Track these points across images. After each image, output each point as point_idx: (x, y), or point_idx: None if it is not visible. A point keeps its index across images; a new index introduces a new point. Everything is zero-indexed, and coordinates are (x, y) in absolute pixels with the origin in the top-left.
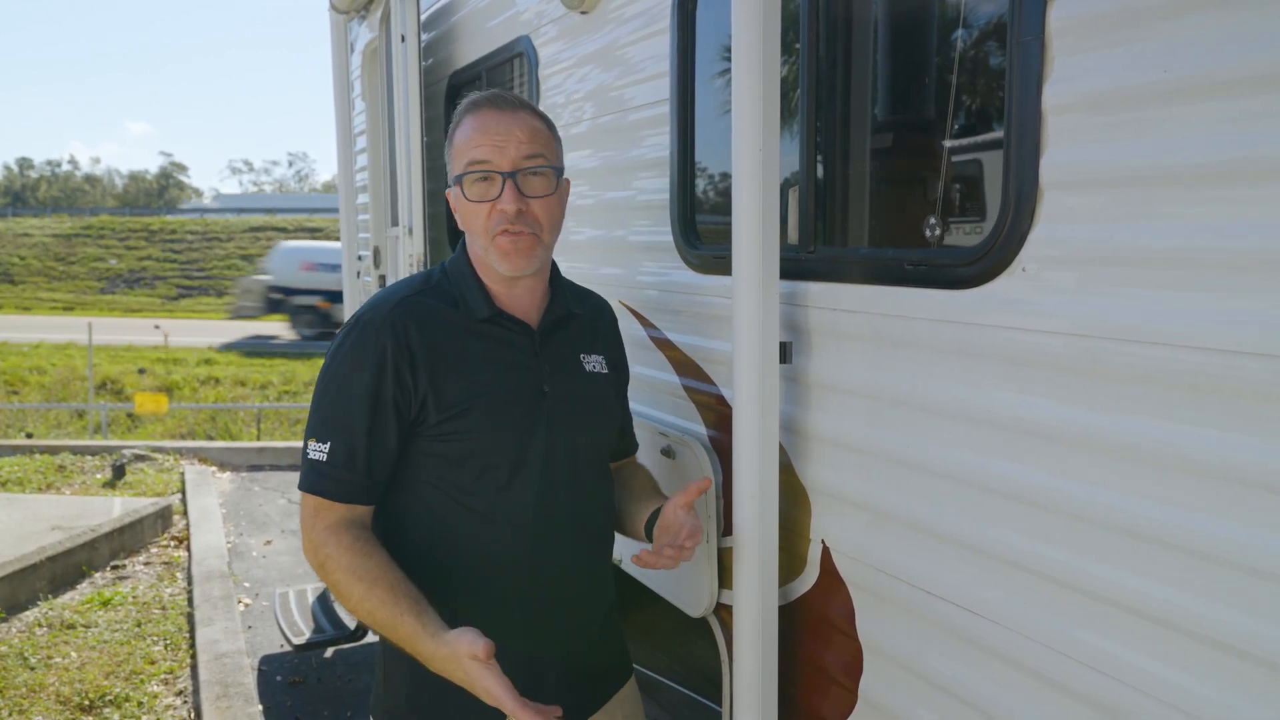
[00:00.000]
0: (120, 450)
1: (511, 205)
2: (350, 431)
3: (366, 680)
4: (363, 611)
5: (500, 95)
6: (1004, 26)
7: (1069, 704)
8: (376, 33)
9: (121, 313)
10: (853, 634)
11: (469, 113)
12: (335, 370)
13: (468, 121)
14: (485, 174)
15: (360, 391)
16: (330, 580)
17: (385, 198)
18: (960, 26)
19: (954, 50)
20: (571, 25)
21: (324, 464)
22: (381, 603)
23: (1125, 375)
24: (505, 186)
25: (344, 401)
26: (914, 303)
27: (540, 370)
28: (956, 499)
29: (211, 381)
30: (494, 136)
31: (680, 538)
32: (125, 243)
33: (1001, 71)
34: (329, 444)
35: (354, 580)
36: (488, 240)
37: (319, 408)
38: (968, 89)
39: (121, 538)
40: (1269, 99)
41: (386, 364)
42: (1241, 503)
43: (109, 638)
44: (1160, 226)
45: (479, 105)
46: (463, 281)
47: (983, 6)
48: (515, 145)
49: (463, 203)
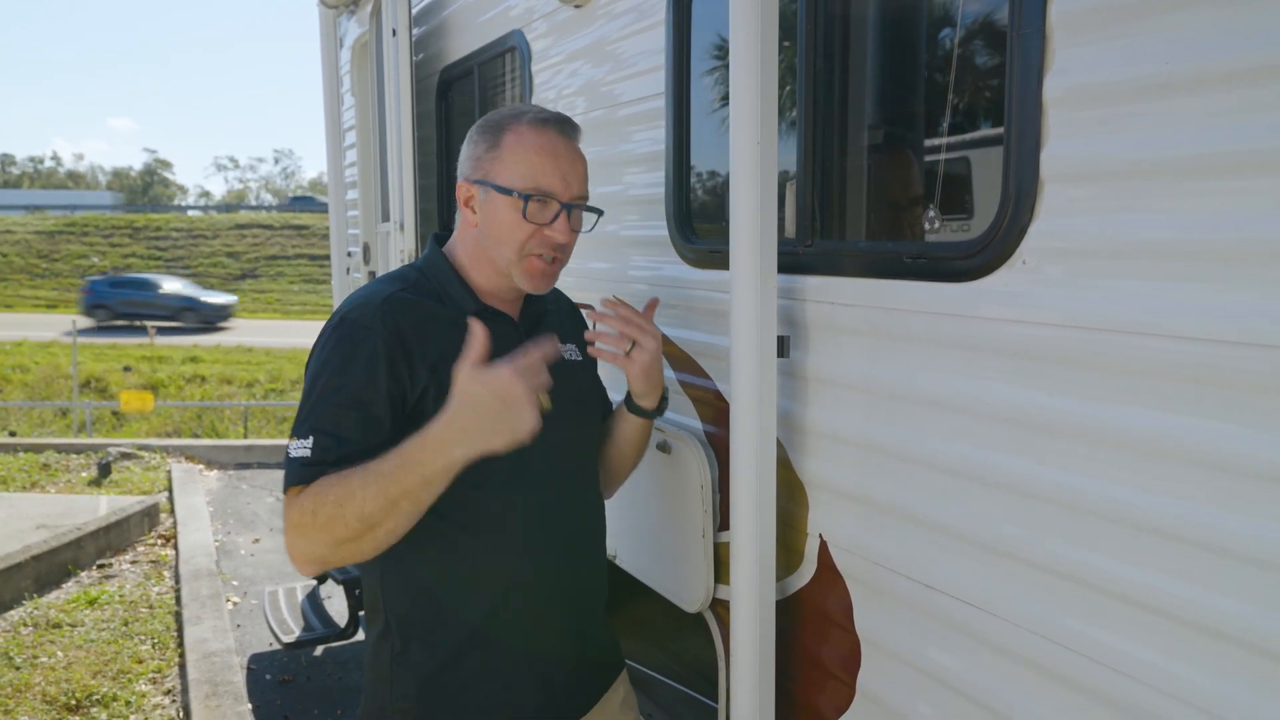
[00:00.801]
0: (106, 448)
1: (564, 237)
2: (337, 427)
3: (356, 678)
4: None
5: (568, 121)
6: (1004, 19)
7: (1068, 696)
8: (366, 27)
9: None
10: (850, 628)
11: (533, 127)
12: (323, 369)
13: (531, 136)
14: (545, 199)
15: (350, 389)
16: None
17: (375, 193)
18: (960, 18)
19: (953, 43)
20: (565, 20)
21: (306, 458)
22: (368, 472)
23: (1126, 368)
24: (559, 218)
25: (330, 399)
26: (913, 296)
27: None
28: (955, 493)
29: (197, 379)
30: (563, 166)
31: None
32: (109, 240)
33: (1001, 64)
34: (312, 439)
35: (332, 497)
36: (516, 256)
37: (303, 409)
38: (967, 82)
39: (108, 536)
40: (1271, 90)
41: (379, 359)
42: (1242, 494)
43: (96, 637)
44: (1160, 219)
45: (547, 124)
46: (444, 279)
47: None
48: (577, 181)
49: (505, 214)
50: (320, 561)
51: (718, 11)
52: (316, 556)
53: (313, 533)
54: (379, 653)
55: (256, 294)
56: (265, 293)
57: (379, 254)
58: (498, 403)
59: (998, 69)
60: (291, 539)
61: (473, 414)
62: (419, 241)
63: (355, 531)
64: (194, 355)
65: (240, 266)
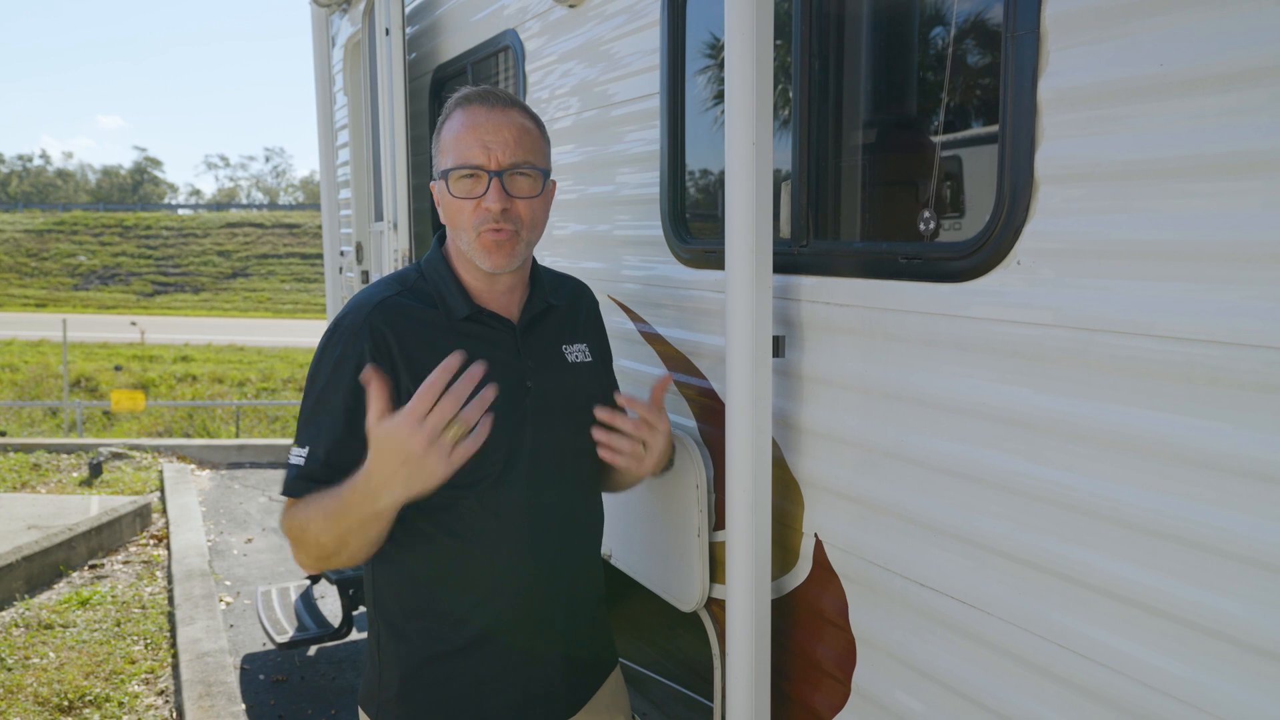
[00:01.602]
0: (97, 448)
1: (496, 204)
2: (330, 434)
3: (350, 677)
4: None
5: (491, 92)
6: (999, 20)
7: (1062, 693)
8: (359, 26)
9: (96, 309)
10: (845, 627)
11: (459, 108)
12: (316, 376)
13: (457, 117)
14: (472, 172)
15: (340, 396)
16: (300, 543)
17: (368, 193)
18: (955, 19)
19: (948, 44)
20: (559, 19)
21: (301, 467)
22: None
23: (1120, 368)
24: (491, 185)
25: (324, 406)
26: (908, 296)
27: (523, 367)
28: (950, 492)
29: (189, 379)
30: (484, 135)
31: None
32: (99, 238)
33: (996, 65)
34: (308, 448)
35: (305, 519)
36: (471, 236)
37: (302, 414)
38: (961, 83)
39: (99, 536)
40: (1264, 92)
41: (358, 360)
42: (1233, 492)
43: (88, 638)
44: (1154, 220)
45: (469, 101)
46: (440, 280)
47: (979, 1)
48: (503, 147)
49: (447, 198)
50: (313, 568)
51: (712, 11)
52: (308, 565)
53: (297, 547)
54: (370, 641)
55: (248, 293)
56: (257, 291)
57: (372, 253)
58: (400, 455)
59: (992, 70)
60: (291, 545)
61: (383, 465)
62: (413, 241)
63: (324, 552)
64: (185, 354)
65: (231, 265)
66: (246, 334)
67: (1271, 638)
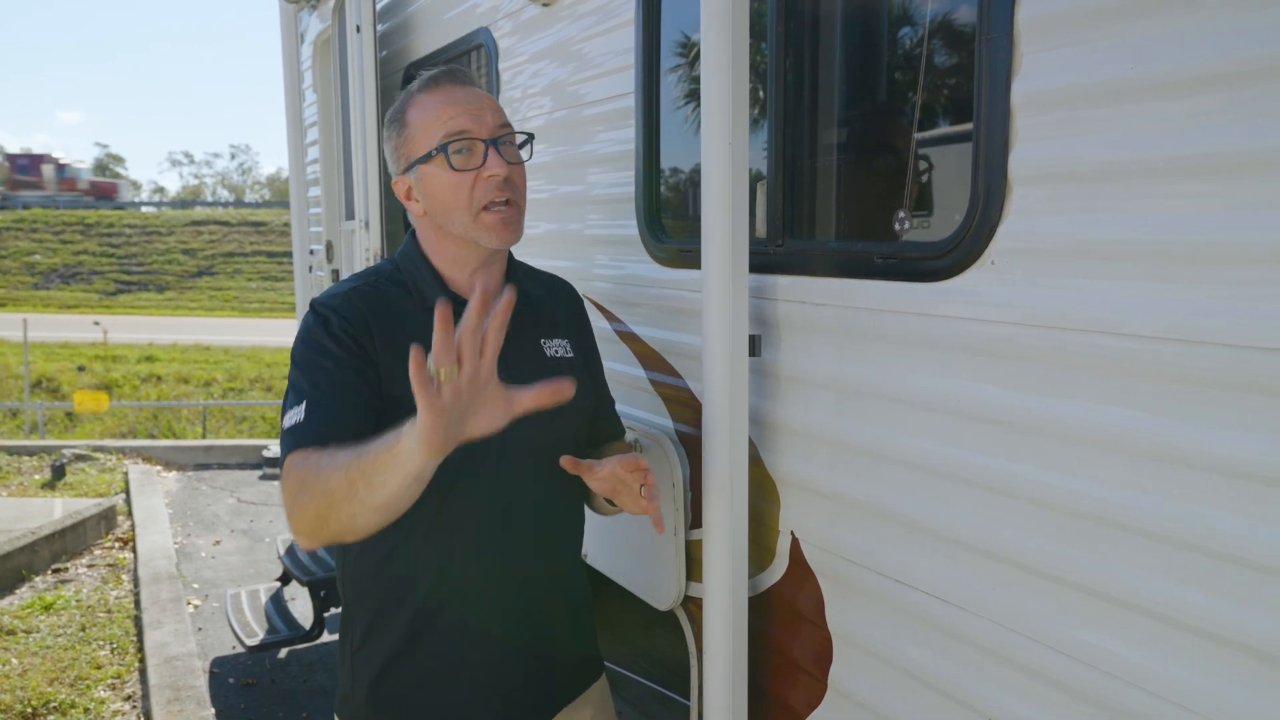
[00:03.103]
0: (59, 450)
1: (501, 169)
2: (323, 389)
3: (322, 680)
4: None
5: (456, 70)
6: (973, 22)
7: (1038, 688)
8: (328, 23)
9: (57, 309)
10: (822, 624)
11: (424, 90)
12: (300, 352)
13: (426, 99)
14: (467, 142)
15: (325, 353)
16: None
17: (339, 191)
18: (929, 21)
19: (922, 45)
20: (532, 18)
21: (300, 424)
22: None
23: (1092, 366)
24: (489, 153)
25: (311, 369)
26: (883, 295)
27: (500, 359)
28: (925, 489)
29: (153, 379)
30: (466, 106)
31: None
32: (60, 236)
33: (970, 67)
34: (303, 404)
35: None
36: (470, 216)
37: (291, 384)
38: (937, 84)
39: (63, 540)
40: (1233, 95)
41: (345, 337)
42: (1205, 488)
43: (52, 643)
44: (1126, 220)
45: (437, 81)
46: (414, 269)
47: (953, 2)
48: (489, 113)
49: (440, 178)
50: (308, 536)
51: (687, 11)
52: (305, 530)
53: (296, 504)
54: (342, 644)
55: (214, 291)
56: (223, 290)
57: (342, 252)
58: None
59: (967, 71)
60: (287, 511)
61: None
62: (384, 240)
63: (324, 510)
64: (150, 354)
65: (196, 264)
66: (212, 333)
67: (1245, 632)
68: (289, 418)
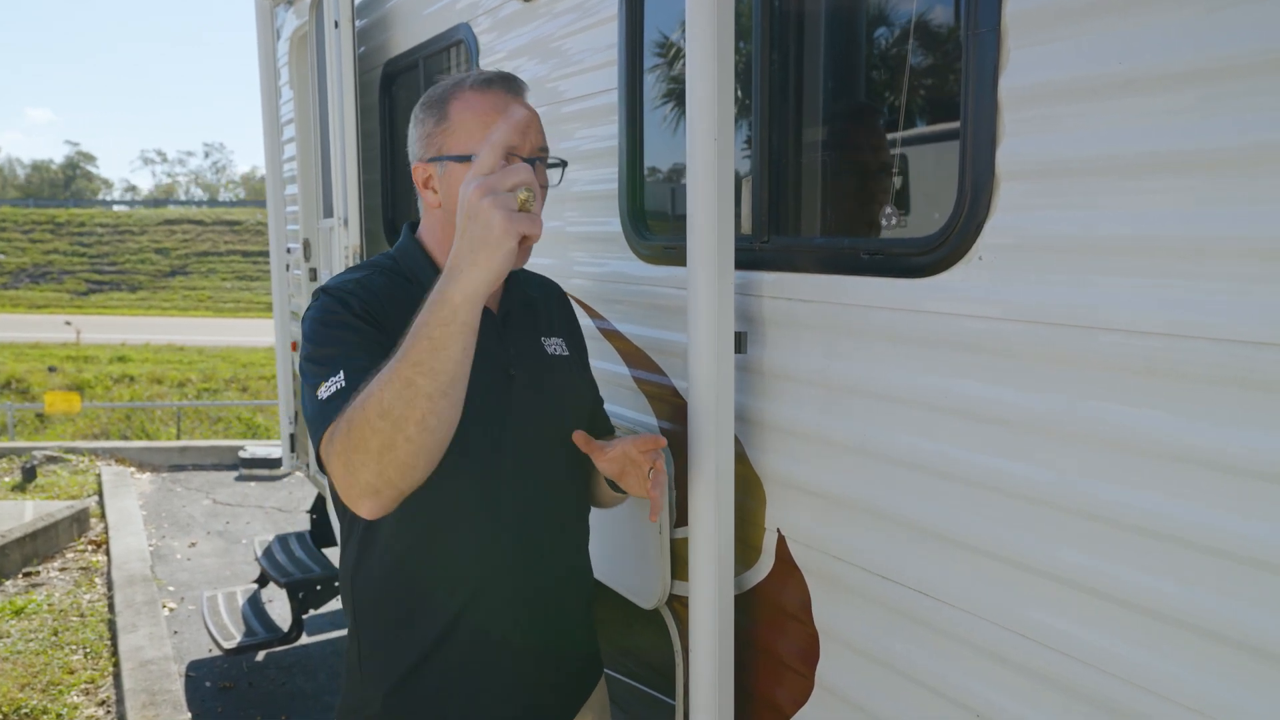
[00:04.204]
0: (30, 452)
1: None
2: (358, 359)
3: (300, 682)
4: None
5: (512, 78)
6: (960, 18)
7: (1025, 684)
8: (305, 19)
9: (26, 309)
10: (809, 621)
11: (476, 90)
12: (318, 331)
13: (478, 100)
14: (511, 159)
15: (352, 332)
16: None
17: (316, 189)
18: (916, 17)
19: (909, 40)
20: (513, 14)
21: (343, 389)
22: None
23: (1079, 361)
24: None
25: (338, 341)
26: (870, 291)
27: (506, 355)
28: (912, 486)
29: (126, 379)
30: (517, 121)
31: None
32: (29, 235)
33: (957, 63)
34: (340, 372)
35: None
36: None
37: (317, 359)
38: (923, 80)
39: (34, 543)
40: (1220, 90)
41: (366, 315)
42: (1194, 482)
43: (23, 648)
44: (1113, 215)
45: (491, 84)
46: (416, 265)
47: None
48: (535, 133)
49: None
50: (373, 491)
51: (671, 6)
52: (367, 484)
53: (352, 455)
54: (350, 655)
55: (188, 291)
56: (197, 290)
57: (320, 250)
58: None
59: (954, 67)
60: (340, 476)
61: (462, 238)
62: (364, 238)
63: (385, 436)
64: (122, 354)
65: (170, 263)
66: (186, 333)
67: (1230, 624)
68: (326, 388)
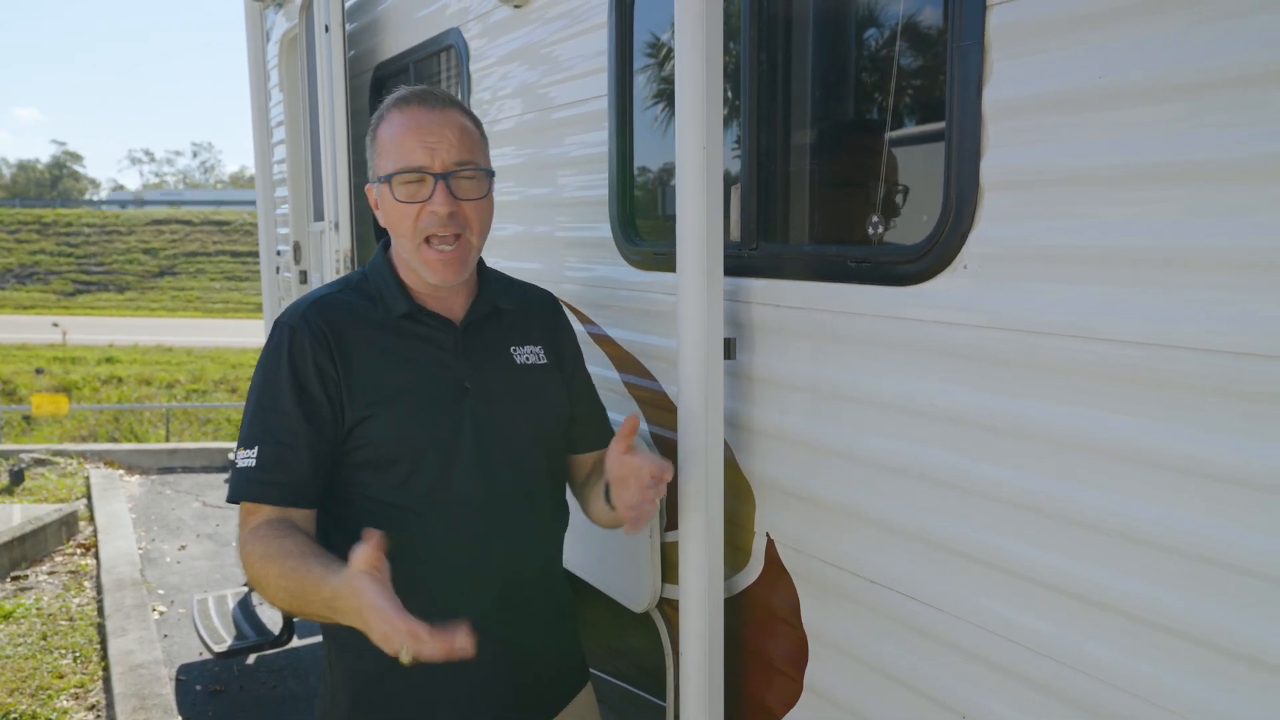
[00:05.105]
0: (17, 454)
1: (444, 207)
2: (277, 433)
3: (292, 686)
4: (280, 592)
5: (430, 92)
6: (945, 30)
7: (1013, 687)
8: (295, 21)
9: (13, 309)
10: (798, 625)
11: (396, 109)
12: (259, 377)
13: (395, 118)
14: (418, 176)
15: (283, 392)
16: (252, 576)
17: (307, 192)
18: (902, 28)
19: (895, 51)
20: (504, 19)
21: (252, 469)
22: (292, 571)
23: (1063, 369)
24: (437, 188)
25: (268, 404)
26: (857, 299)
27: (460, 366)
28: (899, 491)
29: (114, 381)
30: (425, 137)
31: (642, 478)
32: (15, 236)
33: (942, 74)
34: (256, 448)
35: (267, 563)
36: (414, 246)
37: (247, 415)
38: (909, 89)
39: (22, 547)
40: (1202, 103)
41: (306, 359)
42: (1176, 489)
43: (11, 653)
44: (1096, 225)
45: (407, 102)
46: (382, 280)
47: (925, 9)
48: (447, 147)
49: (390, 203)
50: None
51: (660, 14)
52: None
53: (248, 572)
54: (323, 659)
55: (176, 291)
56: (185, 290)
57: (311, 253)
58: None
59: (939, 77)
60: (242, 561)
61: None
62: (355, 241)
63: (263, 590)
64: (110, 355)
65: (158, 264)
66: (175, 334)
67: (1212, 628)
68: (242, 457)
